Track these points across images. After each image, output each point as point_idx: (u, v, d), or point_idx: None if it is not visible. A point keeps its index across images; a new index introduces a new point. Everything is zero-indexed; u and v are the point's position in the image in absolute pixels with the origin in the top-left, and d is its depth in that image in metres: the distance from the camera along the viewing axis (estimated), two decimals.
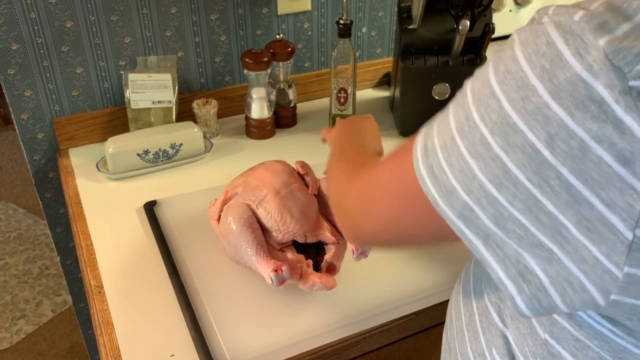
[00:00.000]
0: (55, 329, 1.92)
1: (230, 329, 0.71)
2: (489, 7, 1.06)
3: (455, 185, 0.39)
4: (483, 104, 0.37)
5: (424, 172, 0.42)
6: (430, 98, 1.11)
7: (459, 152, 0.39)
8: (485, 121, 0.37)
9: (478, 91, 0.38)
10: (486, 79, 0.38)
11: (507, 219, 0.37)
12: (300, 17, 1.24)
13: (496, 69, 0.38)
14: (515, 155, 0.35)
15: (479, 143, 0.37)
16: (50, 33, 1.03)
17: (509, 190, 0.36)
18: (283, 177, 0.80)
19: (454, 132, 0.39)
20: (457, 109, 0.40)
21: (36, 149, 1.12)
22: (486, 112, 0.37)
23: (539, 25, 0.36)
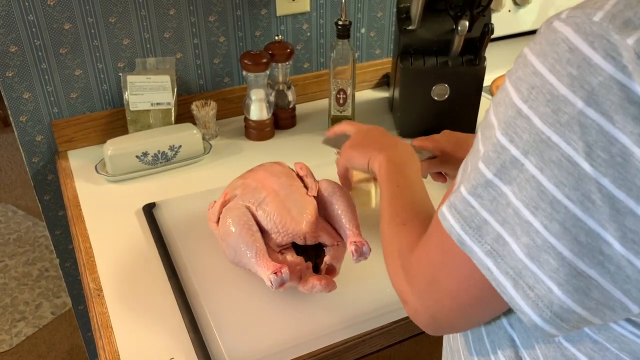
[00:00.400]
0: (55, 331, 1.92)
1: (229, 332, 0.71)
2: (488, 8, 1.06)
3: (487, 216, 0.37)
4: (511, 126, 0.36)
5: (445, 210, 0.40)
6: (430, 99, 1.10)
7: (485, 180, 0.37)
8: (515, 143, 0.35)
9: (504, 115, 0.37)
10: (509, 101, 0.36)
11: (541, 248, 0.35)
12: (299, 18, 1.24)
13: (518, 88, 0.36)
14: (551, 172, 0.34)
15: (510, 166, 0.36)
16: (49, 35, 1.03)
17: (545, 212, 0.34)
18: (282, 179, 0.80)
19: (479, 163, 0.38)
20: (485, 142, 0.38)
21: (35, 151, 1.12)
22: (515, 133, 0.35)
23: (554, 33, 0.34)
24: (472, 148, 0.41)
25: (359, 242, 0.73)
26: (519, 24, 1.42)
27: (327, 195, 0.79)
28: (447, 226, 0.40)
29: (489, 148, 0.37)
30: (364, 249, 0.72)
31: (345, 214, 0.77)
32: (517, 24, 1.41)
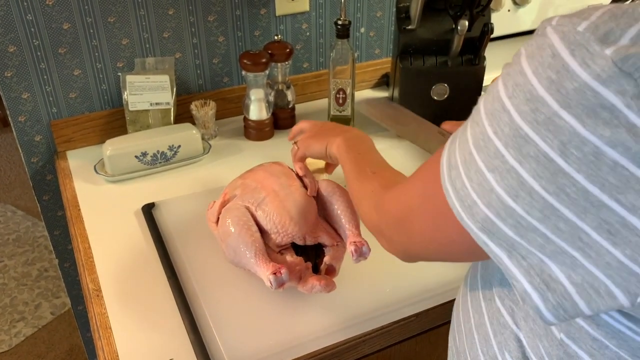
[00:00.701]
0: (54, 331, 1.91)
1: (229, 332, 0.71)
2: (487, 7, 1.06)
3: (476, 198, 0.40)
4: (495, 118, 0.38)
5: (449, 187, 0.43)
6: (429, 98, 1.10)
7: (477, 166, 0.40)
8: (498, 135, 0.38)
9: (490, 106, 0.39)
10: (497, 94, 0.39)
11: (526, 228, 0.38)
12: (299, 17, 1.24)
13: (505, 83, 0.38)
14: (529, 166, 0.36)
15: (494, 156, 0.38)
16: (47, 35, 1.03)
17: (525, 200, 0.37)
18: (282, 179, 0.80)
19: (472, 148, 0.41)
20: (473, 125, 0.41)
21: (34, 151, 1.12)
22: (499, 126, 0.38)
23: (544, 38, 0.37)
24: (463, 124, 0.44)
25: (358, 242, 0.72)
26: (519, 24, 1.41)
27: (326, 195, 0.79)
28: (450, 201, 0.43)
29: (479, 136, 0.40)
30: (363, 249, 0.72)
31: (344, 214, 0.77)
32: (516, 24, 1.41)
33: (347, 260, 0.75)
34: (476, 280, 0.57)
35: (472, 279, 0.58)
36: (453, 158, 0.43)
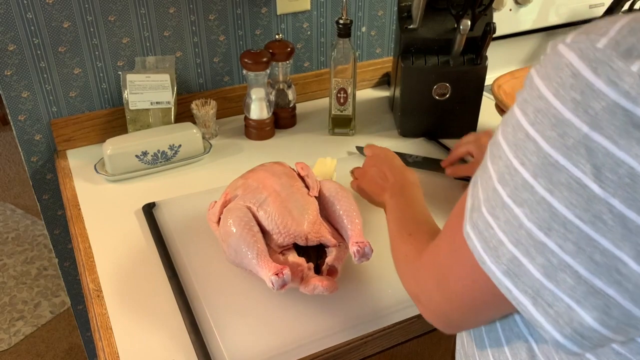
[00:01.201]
0: (54, 330, 1.91)
1: (230, 333, 0.71)
2: (489, 7, 1.05)
3: (502, 237, 0.38)
4: (520, 148, 0.37)
5: (470, 230, 0.41)
6: (431, 98, 1.10)
7: (502, 202, 0.38)
8: (525, 165, 0.36)
9: (512, 137, 0.37)
10: (517, 123, 0.37)
11: (557, 267, 0.35)
12: (300, 16, 1.23)
13: (524, 110, 0.37)
14: (561, 194, 0.34)
15: (522, 189, 0.36)
16: (47, 34, 1.02)
17: (558, 232, 0.35)
18: (283, 179, 0.80)
19: (496, 184, 0.39)
20: (495, 160, 0.39)
21: (34, 150, 1.11)
22: (525, 156, 0.36)
23: (558, 57, 0.35)
24: (481, 164, 0.42)
25: (361, 243, 0.72)
26: (520, 23, 1.41)
27: (328, 195, 0.79)
28: (472, 246, 0.41)
29: (503, 170, 0.38)
30: (366, 250, 0.72)
31: (347, 214, 0.76)
32: (518, 23, 1.41)
33: (349, 261, 0.75)
34: None
35: None
36: (476, 200, 0.41)
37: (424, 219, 0.67)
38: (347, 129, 1.17)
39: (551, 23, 1.46)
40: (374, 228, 0.87)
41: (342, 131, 1.17)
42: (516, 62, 1.49)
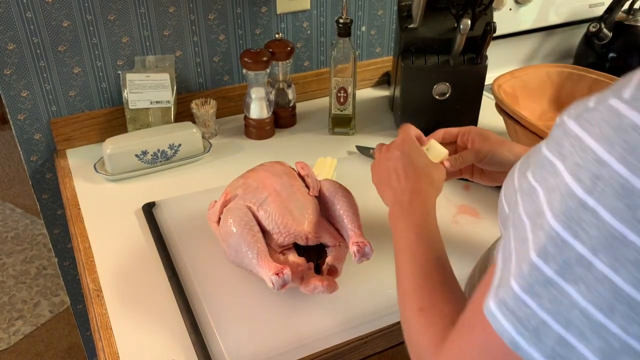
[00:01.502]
0: (53, 329, 1.91)
1: (230, 333, 0.70)
2: (489, 6, 1.05)
3: (546, 317, 0.34)
4: (573, 219, 0.32)
5: (494, 307, 0.36)
6: (431, 97, 1.10)
7: (545, 278, 0.33)
8: (580, 238, 0.32)
9: (561, 206, 0.33)
10: (568, 190, 0.33)
11: (619, 351, 0.32)
12: (300, 16, 1.23)
13: (577, 176, 0.33)
14: (627, 272, 0.31)
15: (575, 264, 0.32)
16: (47, 33, 1.02)
17: (623, 314, 0.31)
18: (284, 179, 0.79)
19: (534, 257, 0.34)
20: (535, 230, 0.35)
21: (33, 150, 1.11)
22: (581, 228, 0.32)
23: (619, 118, 0.31)
24: (514, 229, 0.38)
25: (361, 243, 0.72)
26: (520, 23, 1.41)
27: (328, 195, 0.79)
28: (498, 328, 0.36)
29: (546, 241, 0.34)
30: (366, 250, 0.72)
31: (347, 214, 0.76)
32: (518, 23, 1.41)
33: (349, 260, 0.75)
34: None
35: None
36: (504, 274, 0.36)
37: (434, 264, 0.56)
38: (347, 128, 1.17)
39: (551, 22, 1.46)
40: (375, 228, 0.87)
41: (342, 131, 1.17)
42: (516, 62, 1.49)
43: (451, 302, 0.50)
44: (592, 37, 1.37)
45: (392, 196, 0.68)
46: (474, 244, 0.85)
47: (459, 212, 0.92)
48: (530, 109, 1.11)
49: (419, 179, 0.67)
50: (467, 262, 0.70)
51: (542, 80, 1.14)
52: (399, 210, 0.64)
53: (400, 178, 0.68)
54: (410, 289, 0.54)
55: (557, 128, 0.36)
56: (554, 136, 0.36)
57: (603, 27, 1.34)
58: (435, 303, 0.51)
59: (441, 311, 0.50)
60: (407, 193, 0.65)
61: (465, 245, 0.85)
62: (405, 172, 0.68)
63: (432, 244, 0.58)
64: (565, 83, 1.14)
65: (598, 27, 1.34)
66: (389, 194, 0.69)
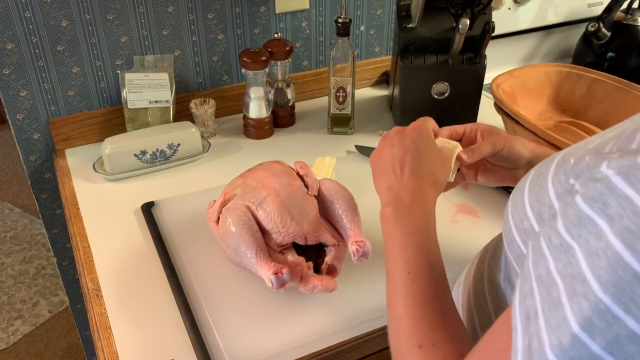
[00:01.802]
0: (52, 329, 1.91)
1: (229, 332, 0.70)
2: (488, 6, 1.05)
3: None
4: (625, 292, 0.30)
5: None
6: (430, 97, 1.10)
7: (591, 354, 0.31)
8: (634, 314, 0.29)
9: (609, 275, 0.30)
10: (618, 260, 0.30)
11: None
12: (299, 15, 1.23)
13: (630, 245, 0.30)
14: None
15: (626, 341, 0.30)
16: (46, 32, 1.02)
17: None
18: (283, 178, 0.79)
19: (576, 329, 0.31)
20: (574, 298, 0.32)
21: (32, 149, 1.11)
22: (634, 303, 0.29)
23: None
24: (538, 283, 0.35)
25: (360, 242, 0.72)
26: (519, 22, 1.41)
27: (327, 194, 0.79)
28: None
29: (592, 314, 0.31)
30: (365, 249, 0.72)
31: (346, 213, 0.76)
32: (517, 22, 1.41)
33: (349, 260, 0.75)
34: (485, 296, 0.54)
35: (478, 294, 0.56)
36: (535, 342, 0.33)
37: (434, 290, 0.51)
38: (346, 127, 1.17)
39: (550, 22, 1.46)
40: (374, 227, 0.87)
41: (341, 130, 1.17)
42: (515, 61, 1.49)
43: (454, 340, 0.47)
44: (591, 37, 1.37)
45: (389, 189, 0.61)
46: (472, 244, 0.85)
47: (458, 211, 0.93)
48: (529, 108, 1.11)
49: (423, 178, 0.60)
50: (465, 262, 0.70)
51: (541, 80, 1.14)
52: (396, 210, 0.58)
53: (404, 170, 0.61)
54: (407, 321, 0.49)
55: (598, 182, 0.33)
56: (596, 191, 0.33)
57: (602, 27, 1.34)
58: (437, 342, 0.47)
59: (443, 351, 0.46)
60: (408, 192, 0.59)
61: (464, 245, 0.85)
62: (411, 166, 0.61)
63: (432, 262, 0.53)
64: (564, 82, 1.14)
65: (597, 27, 1.35)
66: (386, 183, 0.62)
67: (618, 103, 1.07)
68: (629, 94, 1.06)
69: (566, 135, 0.96)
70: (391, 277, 0.54)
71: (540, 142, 0.93)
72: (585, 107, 1.12)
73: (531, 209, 0.41)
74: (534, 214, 0.41)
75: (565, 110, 1.14)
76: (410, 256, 0.53)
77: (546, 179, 0.40)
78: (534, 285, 0.35)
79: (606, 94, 1.09)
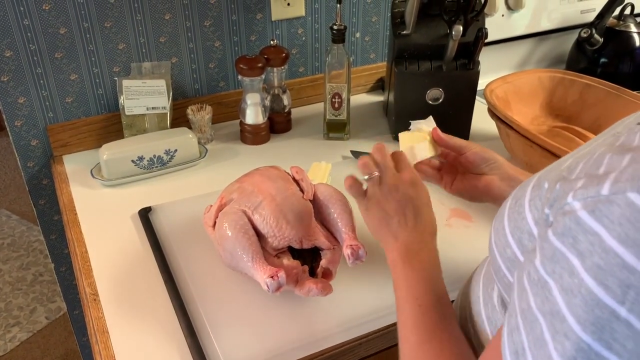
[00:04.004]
0: (50, 335, 1.91)
1: (226, 336, 0.71)
2: (481, 12, 1.06)
3: None
4: (604, 330, 0.30)
5: None
6: (424, 102, 1.11)
7: None
8: (615, 350, 0.29)
9: (585, 313, 0.31)
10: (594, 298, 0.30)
11: None
12: (294, 22, 1.24)
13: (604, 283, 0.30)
14: None
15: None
16: (44, 40, 1.03)
17: None
18: (278, 183, 0.80)
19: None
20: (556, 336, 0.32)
21: (30, 156, 1.12)
22: (614, 340, 0.29)
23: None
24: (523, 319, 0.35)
25: (354, 246, 0.73)
26: (513, 28, 1.43)
27: (323, 199, 0.80)
28: None
29: (576, 354, 0.31)
30: (360, 253, 0.73)
31: (341, 217, 0.77)
32: (510, 28, 1.42)
33: (344, 263, 0.75)
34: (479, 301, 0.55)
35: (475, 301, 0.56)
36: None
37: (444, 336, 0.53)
38: (342, 133, 1.18)
39: (543, 28, 1.47)
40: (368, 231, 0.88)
41: (336, 135, 1.18)
42: (509, 67, 1.51)
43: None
44: (584, 43, 1.39)
45: (396, 239, 0.63)
46: (466, 247, 0.86)
47: (452, 215, 0.93)
48: (522, 113, 1.12)
49: (425, 227, 0.64)
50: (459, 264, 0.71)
51: (534, 85, 1.16)
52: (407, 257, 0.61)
53: (407, 223, 0.64)
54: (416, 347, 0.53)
55: (566, 216, 0.33)
56: (565, 226, 0.33)
57: (594, 33, 1.36)
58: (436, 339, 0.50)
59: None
60: (415, 241, 0.62)
61: (457, 249, 0.85)
62: (414, 218, 0.64)
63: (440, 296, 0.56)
64: (557, 88, 1.16)
65: (589, 33, 1.36)
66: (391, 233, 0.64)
67: (609, 108, 1.08)
68: (620, 98, 1.07)
69: (559, 140, 0.97)
70: (402, 310, 0.58)
71: (534, 147, 0.94)
72: (578, 112, 1.13)
73: (512, 236, 0.42)
74: (515, 242, 0.41)
75: (558, 115, 1.16)
76: (420, 293, 0.57)
77: (523, 205, 0.40)
78: (519, 320, 0.35)
79: (598, 99, 1.11)
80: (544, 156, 0.92)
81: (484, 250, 0.53)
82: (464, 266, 0.70)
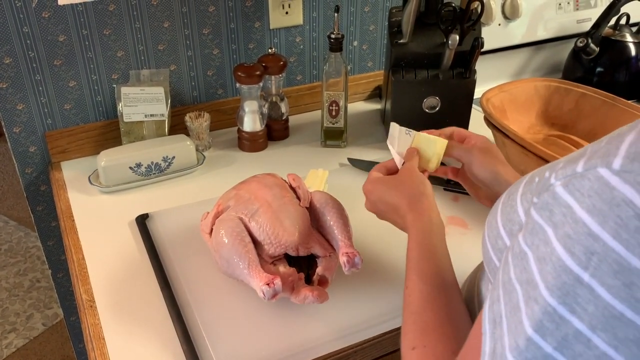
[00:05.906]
0: (46, 342, 1.90)
1: (222, 343, 0.71)
2: (478, 22, 1.07)
3: None
4: (569, 294, 0.31)
5: None
6: (421, 111, 1.12)
7: (543, 354, 0.32)
8: (578, 314, 0.31)
9: (554, 279, 0.32)
10: (561, 264, 0.32)
11: None
12: (292, 31, 1.25)
13: (570, 250, 0.31)
14: (629, 351, 0.30)
15: (574, 341, 0.31)
16: (43, 47, 1.04)
17: None
18: (275, 190, 0.81)
19: (530, 331, 0.33)
20: (529, 302, 0.33)
21: (28, 162, 1.12)
22: (577, 304, 0.31)
23: (609, 190, 0.30)
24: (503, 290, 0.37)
25: (350, 253, 0.73)
26: (509, 38, 1.44)
27: (319, 206, 0.80)
28: None
29: (542, 316, 0.32)
30: (355, 260, 0.73)
31: (337, 225, 0.77)
32: (507, 38, 1.43)
33: (340, 271, 0.76)
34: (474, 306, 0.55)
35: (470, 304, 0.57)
36: (498, 346, 0.35)
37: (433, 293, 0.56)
38: (339, 141, 1.19)
39: (540, 37, 1.48)
40: (364, 238, 0.88)
41: (334, 143, 1.19)
42: (506, 76, 1.52)
43: (445, 341, 0.50)
44: (580, 52, 1.40)
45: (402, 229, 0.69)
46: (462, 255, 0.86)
47: (449, 222, 0.94)
48: (518, 122, 1.13)
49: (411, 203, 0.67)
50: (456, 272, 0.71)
51: (530, 94, 1.16)
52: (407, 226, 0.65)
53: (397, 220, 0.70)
54: (405, 324, 0.54)
55: (546, 191, 0.35)
56: (544, 201, 0.35)
57: (590, 42, 1.37)
58: (427, 342, 0.50)
59: (433, 352, 0.49)
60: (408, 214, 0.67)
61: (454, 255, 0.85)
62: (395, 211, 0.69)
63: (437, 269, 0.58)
64: (553, 97, 1.16)
65: (585, 42, 1.37)
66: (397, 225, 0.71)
67: (605, 116, 1.09)
68: (615, 107, 1.08)
69: (554, 149, 0.98)
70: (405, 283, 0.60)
71: (530, 155, 0.94)
72: (574, 120, 1.14)
73: (504, 228, 0.43)
74: (506, 233, 0.43)
75: (554, 124, 1.16)
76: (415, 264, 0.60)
77: (515, 199, 0.42)
78: (500, 292, 0.37)
79: (593, 108, 1.12)
80: (540, 164, 0.92)
81: (480, 257, 0.54)
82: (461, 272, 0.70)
